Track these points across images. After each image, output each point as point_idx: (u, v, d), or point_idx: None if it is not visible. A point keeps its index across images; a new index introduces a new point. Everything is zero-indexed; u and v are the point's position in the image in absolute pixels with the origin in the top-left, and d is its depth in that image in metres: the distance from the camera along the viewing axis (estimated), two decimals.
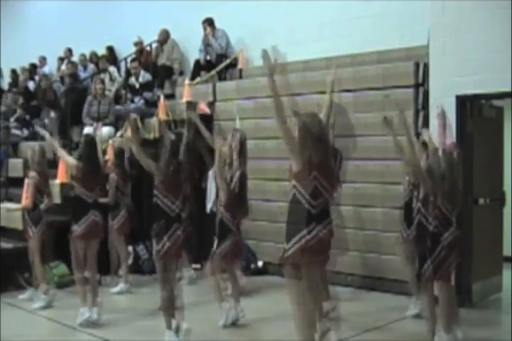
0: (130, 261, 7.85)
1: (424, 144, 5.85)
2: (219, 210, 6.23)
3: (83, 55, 12.31)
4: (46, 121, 11.01)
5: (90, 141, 6.41)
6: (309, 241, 4.13)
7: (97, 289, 6.29)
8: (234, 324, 6.07)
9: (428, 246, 4.75)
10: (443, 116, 5.72)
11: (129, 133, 8.91)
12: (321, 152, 4.22)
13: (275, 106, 4.21)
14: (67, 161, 6.49)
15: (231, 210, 6.10)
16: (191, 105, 9.30)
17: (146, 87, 10.06)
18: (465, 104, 6.81)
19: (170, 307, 5.41)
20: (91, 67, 11.94)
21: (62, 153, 6.59)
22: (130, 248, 8.24)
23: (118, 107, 10.14)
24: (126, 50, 11.66)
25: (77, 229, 6.15)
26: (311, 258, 4.20)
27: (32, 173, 6.91)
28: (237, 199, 6.19)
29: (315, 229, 4.16)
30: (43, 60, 13.67)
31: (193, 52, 10.68)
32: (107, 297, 7.06)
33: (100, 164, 6.47)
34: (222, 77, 10.13)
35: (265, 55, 4.30)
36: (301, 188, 4.20)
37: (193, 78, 10.10)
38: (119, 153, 7.82)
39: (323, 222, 4.24)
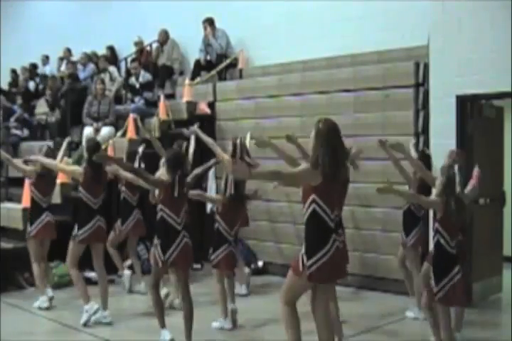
0: (129, 262, 7.82)
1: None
2: (215, 219, 6.18)
3: (85, 54, 12.28)
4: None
5: (95, 146, 6.31)
6: (332, 256, 4.03)
7: (107, 291, 6.25)
8: (233, 325, 6.07)
9: (444, 267, 4.68)
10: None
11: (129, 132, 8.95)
12: (335, 163, 4.04)
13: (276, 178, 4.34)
14: (72, 171, 6.52)
15: (228, 218, 6.06)
16: (191, 105, 9.31)
17: (146, 86, 10.05)
18: (465, 104, 6.81)
19: (162, 307, 5.48)
20: (91, 66, 11.93)
21: (61, 166, 6.63)
22: None
23: (118, 107, 10.13)
24: (126, 50, 11.66)
25: (81, 233, 6.10)
26: (334, 273, 4.14)
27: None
28: (234, 206, 6.14)
29: (336, 242, 4.08)
30: (46, 58, 13.67)
31: (193, 52, 10.68)
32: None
33: (104, 169, 6.43)
34: (222, 77, 10.14)
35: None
36: (321, 202, 4.04)
37: (193, 78, 10.10)
38: (131, 154, 7.60)
39: (339, 233, 4.24)
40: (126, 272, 7.58)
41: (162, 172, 5.58)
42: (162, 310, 5.48)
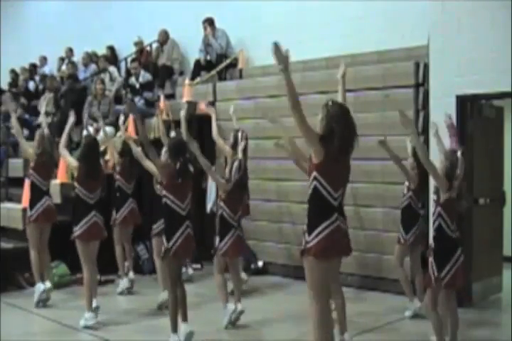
0: (127, 263, 7.79)
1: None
2: (219, 205, 6.21)
3: (86, 53, 12.28)
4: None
5: (91, 142, 6.34)
6: (333, 231, 4.03)
7: (96, 289, 6.23)
8: (233, 324, 6.05)
9: (446, 251, 4.68)
10: (452, 126, 5.63)
11: (129, 132, 8.94)
12: (346, 142, 4.07)
13: (292, 98, 4.01)
14: (69, 161, 6.50)
15: (231, 205, 6.07)
16: (191, 105, 9.31)
17: (146, 87, 10.05)
18: (465, 104, 6.81)
19: (176, 310, 5.36)
20: (92, 67, 11.94)
21: (64, 152, 6.61)
22: None
23: (118, 107, 10.13)
24: (126, 50, 11.66)
25: (77, 230, 6.10)
26: (334, 249, 4.10)
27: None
28: (236, 193, 6.15)
29: (337, 220, 4.09)
30: (44, 59, 13.67)
31: (193, 52, 10.68)
32: (108, 297, 7.06)
33: (101, 165, 6.43)
34: (222, 77, 10.13)
35: (277, 48, 4.22)
36: (322, 179, 4.06)
37: (193, 78, 10.10)
38: (125, 151, 7.49)
39: (342, 214, 4.19)
40: (124, 281, 7.57)
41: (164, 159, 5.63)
42: (176, 311, 5.36)
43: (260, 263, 8.59)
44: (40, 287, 6.80)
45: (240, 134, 6.96)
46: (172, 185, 5.31)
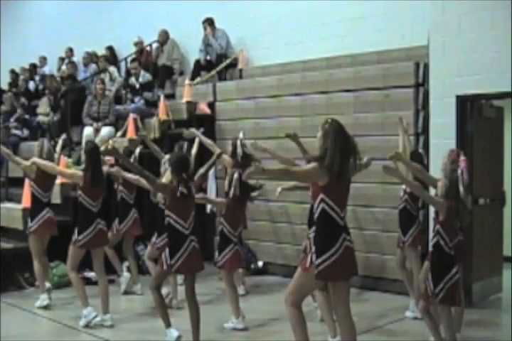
0: (127, 263, 7.78)
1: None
2: (219, 221, 6.16)
3: (87, 53, 12.27)
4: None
5: (93, 149, 6.25)
6: (341, 255, 4.09)
7: (108, 295, 6.16)
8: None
9: (442, 268, 4.68)
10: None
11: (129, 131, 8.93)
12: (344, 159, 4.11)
13: (281, 174, 4.15)
14: (70, 175, 6.51)
15: (232, 221, 6.02)
16: (191, 105, 9.31)
17: (146, 87, 10.05)
18: (465, 104, 6.81)
19: (165, 307, 5.43)
20: (92, 66, 11.93)
21: (60, 169, 6.63)
22: None
23: (118, 107, 10.13)
24: (126, 50, 11.66)
25: (81, 238, 6.03)
26: (342, 273, 4.17)
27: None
28: (237, 208, 6.12)
29: (345, 241, 4.14)
30: (43, 60, 13.67)
31: (193, 52, 10.69)
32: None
33: (103, 172, 6.38)
34: (222, 77, 10.14)
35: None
36: (330, 201, 4.10)
37: (193, 78, 10.10)
38: (126, 154, 7.46)
39: (347, 231, 4.22)
40: (126, 274, 7.55)
41: (168, 174, 5.54)
42: (166, 311, 5.43)
43: (260, 263, 8.59)
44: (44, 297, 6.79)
45: (238, 142, 6.92)
46: (175, 204, 5.19)
